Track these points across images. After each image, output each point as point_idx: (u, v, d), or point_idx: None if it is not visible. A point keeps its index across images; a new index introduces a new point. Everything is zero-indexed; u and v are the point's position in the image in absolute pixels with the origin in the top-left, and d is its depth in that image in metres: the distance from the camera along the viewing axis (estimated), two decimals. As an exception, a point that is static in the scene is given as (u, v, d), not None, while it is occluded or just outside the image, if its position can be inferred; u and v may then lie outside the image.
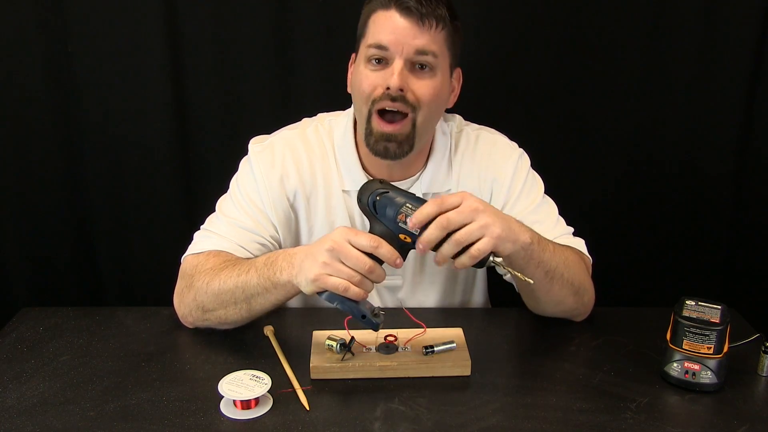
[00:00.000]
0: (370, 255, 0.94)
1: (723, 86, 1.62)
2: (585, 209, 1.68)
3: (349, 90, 1.19)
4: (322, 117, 1.28)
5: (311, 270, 0.95)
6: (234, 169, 1.26)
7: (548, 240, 1.09)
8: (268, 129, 1.30)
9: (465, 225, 0.94)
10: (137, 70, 1.56)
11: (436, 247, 0.95)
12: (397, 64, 1.08)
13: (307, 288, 0.98)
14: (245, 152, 1.24)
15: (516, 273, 0.99)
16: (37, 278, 1.71)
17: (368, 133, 1.13)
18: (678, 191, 1.71)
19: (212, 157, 1.65)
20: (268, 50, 1.57)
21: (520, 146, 1.29)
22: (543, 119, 1.65)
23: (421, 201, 0.96)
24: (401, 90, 1.08)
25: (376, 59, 1.10)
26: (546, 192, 1.26)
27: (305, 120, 1.29)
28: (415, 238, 0.95)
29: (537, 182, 1.26)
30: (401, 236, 0.96)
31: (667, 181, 1.70)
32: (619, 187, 1.71)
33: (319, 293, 0.97)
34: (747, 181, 1.70)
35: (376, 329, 1.00)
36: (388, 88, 1.08)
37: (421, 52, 1.08)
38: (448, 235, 0.94)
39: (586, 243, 1.23)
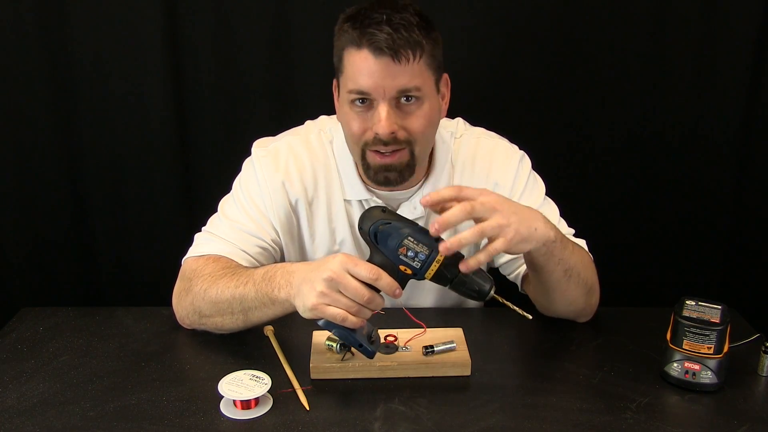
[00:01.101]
0: (369, 285, 0.93)
1: (723, 88, 1.62)
2: (585, 210, 1.68)
3: (337, 119, 1.18)
4: (324, 122, 1.26)
5: (309, 298, 0.94)
6: (234, 168, 1.26)
7: (568, 239, 1.09)
8: (268, 129, 1.30)
9: (485, 219, 0.93)
10: (137, 70, 1.56)
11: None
12: (382, 110, 1.05)
13: (304, 314, 0.97)
14: (246, 153, 1.24)
15: (515, 308, 0.99)
16: (37, 278, 1.71)
17: (366, 167, 1.12)
18: (678, 191, 1.71)
19: (212, 157, 1.65)
20: (268, 50, 1.57)
21: (519, 143, 1.28)
22: (543, 120, 1.65)
23: (423, 232, 0.94)
24: (392, 133, 1.07)
25: (359, 100, 1.07)
26: (546, 192, 1.26)
27: (308, 124, 1.28)
28: (415, 270, 0.93)
29: (538, 184, 1.26)
30: (401, 267, 0.94)
31: (668, 180, 1.70)
32: (618, 187, 1.71)
33: (316, 320, 0.96)
34: (747, 182, 1.71)
35: (371, 357, 0.99)
36: (377, 134, 1.07)
37: (403, 90, 1.05)
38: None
39: (586, 243, 1.23)
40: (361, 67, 1.04)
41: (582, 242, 1.22)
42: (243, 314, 1.06)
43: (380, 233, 0.95)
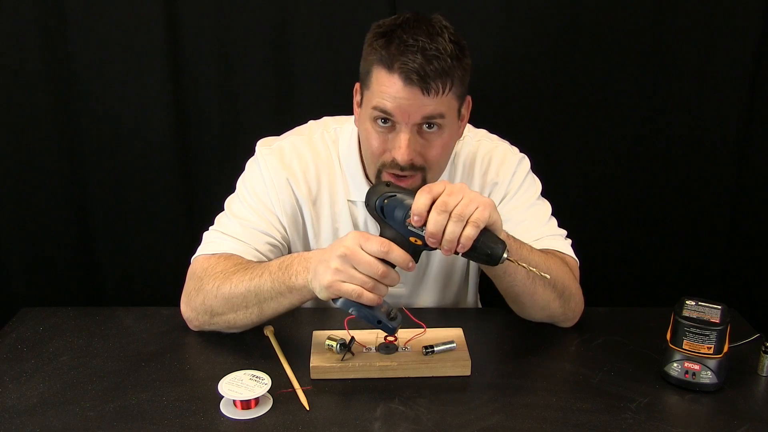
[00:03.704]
0: (383, 260, 0.93)
1: (723, 87, 1.62)
2: (585, 210, 1.68)
3: (355, 123, 1.17)
4: (328, 123, 1.27)
5: (324, 277, 0.95)
6: (234, 169, 1.26)
7: (522, 241, 1.08)
8: (268, 129, 1.30)
9: (459, 203, 0.93)
10: (137, 71, 1.56)
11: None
12: (404, 137, 1.04)
13: (321, 294, 0.98)
14: (246, 153, 1.24)
15: (531, 268, 0.97)
16: (37, 278, 1.71)
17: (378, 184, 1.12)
18: (678, 191, 1.71)
19: (212, 157, 1.65)
20: (268, 50, 1.57)
21: (518, 142, 1.29)
22: (542, 119, 1.65)
23: None
24: (410, 160, 1.06)
25: (381, 120, 1.07)
26: (545, 192, 1.26)
27: (311, 124, 1.28)
28: (425, 239, 0.94)
29: (535, 184, 1.26)
30: (412, 239, 0.95)
31: (668, 180, 1.70)
32: (619, 187, 1.71)
33: (334, 300, 0.97)
34: (747, 181, 1.71)
35: (392, 333, 0.99)
36: (395, 159, 1.06)
37: (428, 117, 1.04)
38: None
39: (586, 243, 1.23)
40: (389, 89, 1.03)
41: (567, 243, 1.22)
42: (258, 306, 1.06)
43: (386, 206, 0.96)
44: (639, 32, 1.58)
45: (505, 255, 0.94)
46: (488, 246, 0.94)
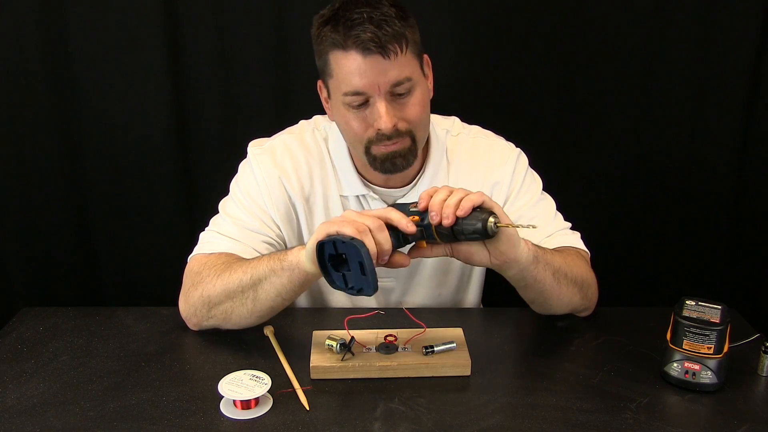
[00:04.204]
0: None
1: (723, 85, 1.62)
2: (585, 209, 1.68)
3: (330, 119, 1.19)
4: (318, 121, 1.28)
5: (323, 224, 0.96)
6: (233, 168, 1.26)
7: (545, 248, 1.10)
8: (268, 130, 1.30)
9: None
10: (137, 70, 1.56)
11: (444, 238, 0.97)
12: (381, 106, 1.07)
13: (309, 242, 0.97)
14: (244, 154, 1.24)
15: (516, 225, 0.96)
16: (37, 278, 1.71)
17: (371, 159, 1.13)
18: (678, 191, 1.71)
19: (212, 158, 1.65)
20: (268, 50, 1.57)
21: (519, 144, 1.29)
22: (542, 118, 1.65)
23: None
24: (394, 126, 1.08)
25: (355, 101, 1.08)
26: (546, 190, 1.26)
27: (302, 123, 1.29)
28: (423, 216, 0.96)
29: (535, 180, 1.27)
30: (410, 218, 0.97)
31: (668, 180, 1.70)
32: (619, 187, 1.71)
33: (320, 246, 0.95)
34: (747, 181, 1.71)
35: (333, 281, 0.95)
36: (379, 130, 1.08)
37: (397, 83, 1.06)
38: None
39: (586, 243, 1.23)
40: (352, 69, 1.05)
41: (576, 236, 1.23)
42: (252, 291, 1.05)
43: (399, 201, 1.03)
44: (640, 31, 1.58)
45: (492, 220, 0.93)
46: (478, 218, 0.93)
